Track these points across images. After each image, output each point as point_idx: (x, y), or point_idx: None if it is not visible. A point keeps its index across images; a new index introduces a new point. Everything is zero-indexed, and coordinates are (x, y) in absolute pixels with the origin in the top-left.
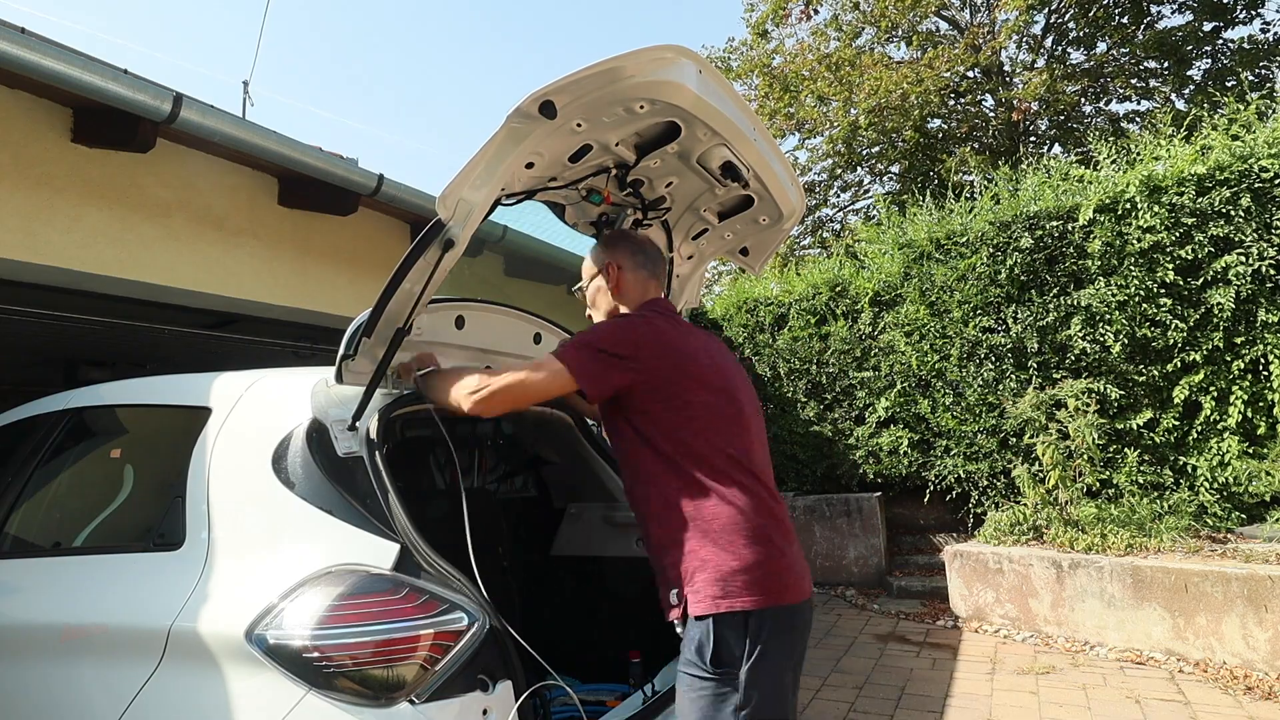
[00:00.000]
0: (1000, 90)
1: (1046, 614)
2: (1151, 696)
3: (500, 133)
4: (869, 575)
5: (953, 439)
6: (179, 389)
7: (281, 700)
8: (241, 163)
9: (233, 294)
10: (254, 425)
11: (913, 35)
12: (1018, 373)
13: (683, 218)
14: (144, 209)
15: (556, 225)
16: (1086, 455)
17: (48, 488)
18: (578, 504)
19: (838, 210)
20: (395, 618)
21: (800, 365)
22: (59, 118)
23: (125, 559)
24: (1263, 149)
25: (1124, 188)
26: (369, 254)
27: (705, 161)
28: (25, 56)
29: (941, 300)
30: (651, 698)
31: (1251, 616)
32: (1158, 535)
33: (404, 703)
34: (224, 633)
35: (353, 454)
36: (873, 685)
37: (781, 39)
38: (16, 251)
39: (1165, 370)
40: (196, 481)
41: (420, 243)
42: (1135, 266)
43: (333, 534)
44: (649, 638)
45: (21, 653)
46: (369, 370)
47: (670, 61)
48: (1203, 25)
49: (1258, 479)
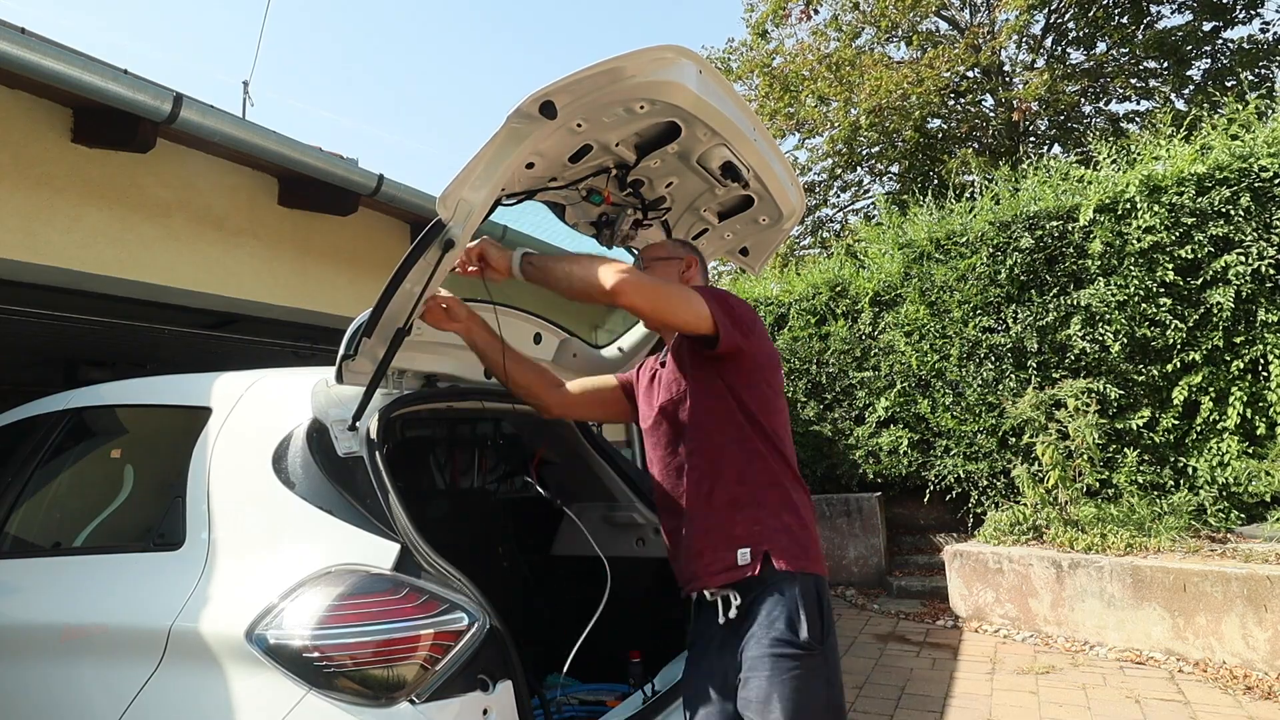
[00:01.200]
0: (1000, 90)
1: (1046, 614)
2: (1151, 696)
3: (500, 133)
4: (869, 575)
5: (953, 439)
6: (179, 389)
7: (282, 700)
8: (241, 163)
9: (233, 294)
10: (254, 425)
11: (913, 35)
12: (1017, 372)
13: (683, 218)
14: (144, 209)
15: (556, 225)
16: (1086, 455)
17: (48, 488)
18: (578, 504)
19: (837, 210)
20: (395, 618)
21: (800, 365)
22: (59, 118)
23: (125, 559)
24: (1262, 149)
25: (1124, 188)
26: (369, 254)
27: (705, 161)
28: (25, 56)
29: (941, 300)
30: (651, 698)
31: (1251, 616)
32: (1157, 535)
33: (404, 703)
34: (224, 633)
35: (353, 454)
36: (873, 685)
37: (781, 39)
38: (16, 251)
39: (1165, 370)
40: (197, 481)
41: (420, 243)
42: (1135, 266)
43: (333, 534)
44: (649, 638)
45: (22, 653)
46: (369, 370)
47: (670, 62)
48: (1202, 25)
49: (1257, 479)
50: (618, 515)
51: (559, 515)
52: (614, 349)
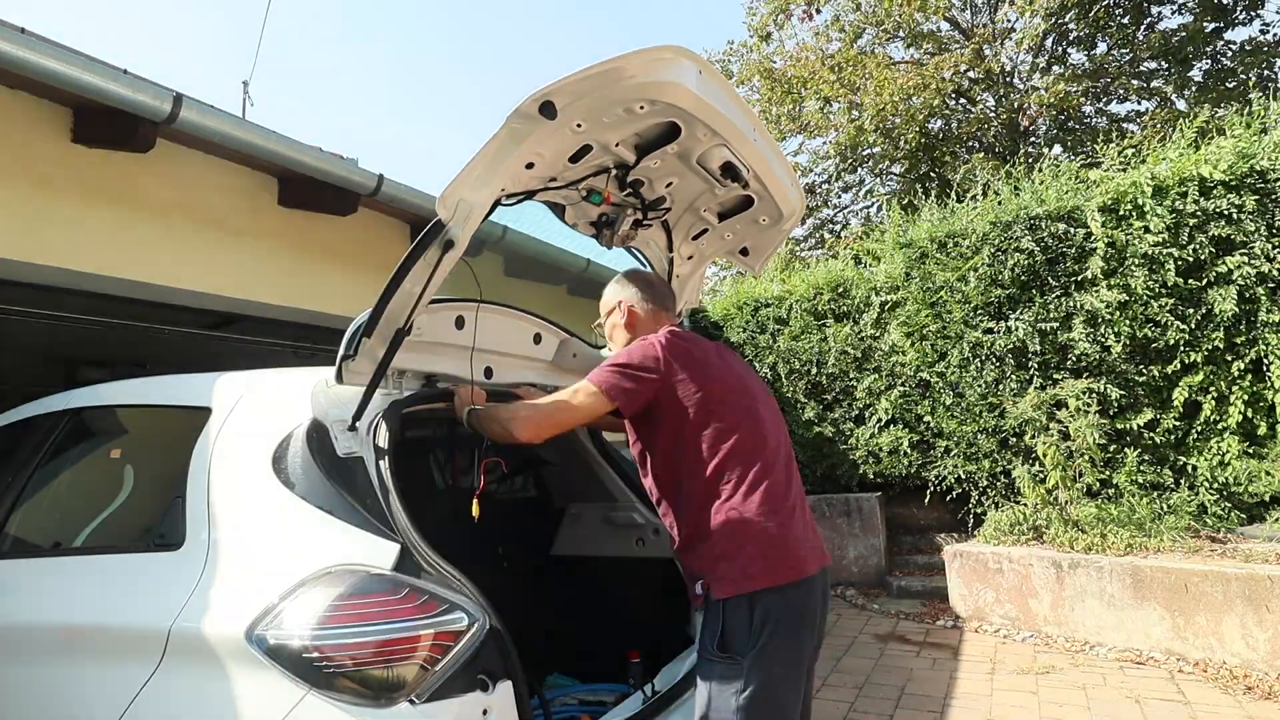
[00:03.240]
0: (1004, 92)
1: (1046, 614)
2: (1151, 696)
3: (500, 133)
4: (869, 575)
5: (953, 439)
6: (179, 389)
7: (281, 700)
8: (241, 163)
9: (233, 294)
10: (254, 425)
11: (916, 37)
12: (1018, 373)
13: (683, 218)
14: (144, 209)
15: (556, 225)
16: (1087, 455)
17: (48, 488)
18: (578, 504)
19: (838, 211)
20: (395, 618)
21: (800, 366)
22: (59, 118)
23: (125, 559)
24: (1266, 150)
25: (1126, 188)
26: (369, 254)
27: (705, 162)
28: (25, 56)
29: (943, 300)
30: (651, 698)
31: (1251, 616)
32: (1158, 535)
33: (404, 703)
34: (224, 633)
35: (353, 454)
36: (873, 685)
37: (782, 41)
38: (16, 251)
39: (1166, 370)
40: (196, 482)
41: (420, 243)
42: (1137, 267)
43: (332, 534)
44: (649, 638)
45: (22, 653)
46: (369, 370)
47: (670, 62)
48: (1203, 26)
49: (1258, 479)
50: (618, 515)
51: (559, 515)
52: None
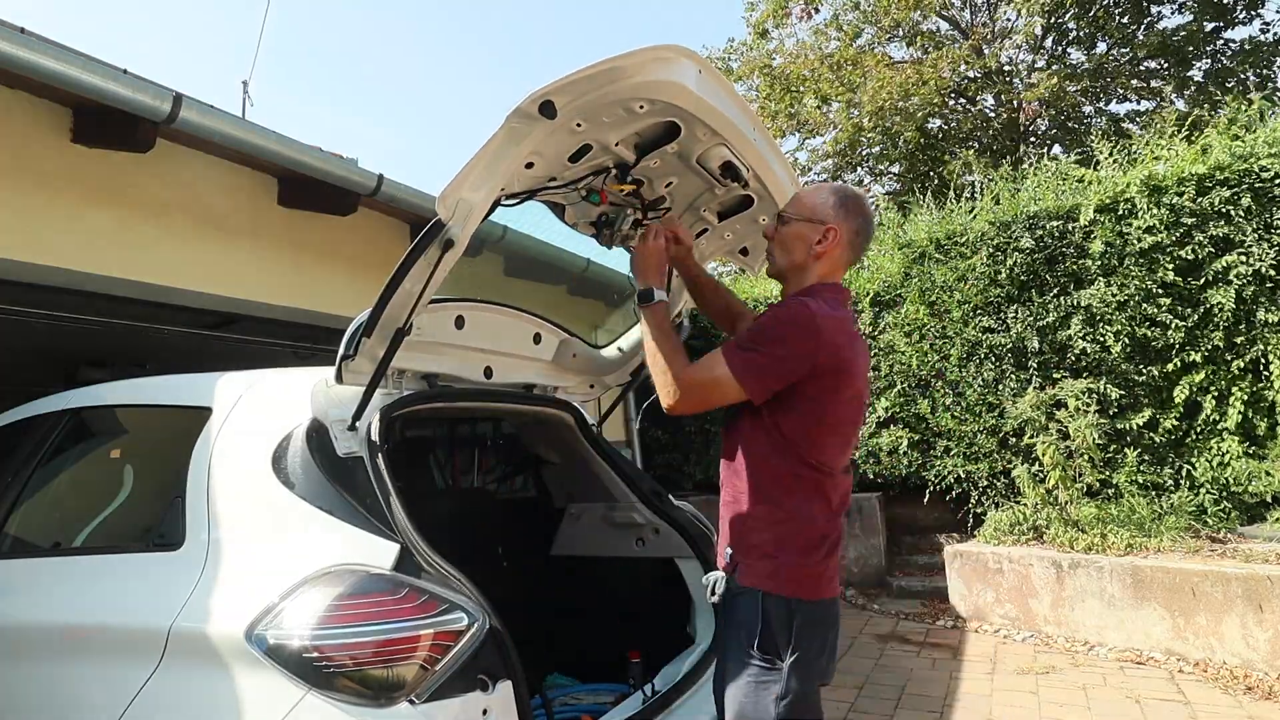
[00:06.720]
0: (1003, 91)
1: (1046, 614)
2: (1151, 696)
3: (500, 133)
4: (869, 575)
5: (953, 439)
6: (179, 389)
7: (281, 700)
8: (241, 163)
9: (233, 294)
10: (254, 425)
11: (914, 36)
12: (1018, 373)
13: (682, 218)
14: (144, 209)
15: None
16: (1086, 455)
17: (48, 488)
18: (578, 504)
19: None
20: (395, 618)
21: None
22: (59, 118)
23: (125, 559)
24: (1263, 149)
25: (1124, 188)
26: (369, 254)
27: (705, 161)
28: (25, 56)
29: (941, 300)
30: (651, 698)
31: (1251, 616)
32: (1158, 535)
33: (404, 703)
34: (224, 633)
35: (352, 454)
36: (873, 685)
37: (781, 39)
38: (16, 251)
39: (1165, 370)
40: (196, 482)
41: (420, 243)
42: (1135, 266)
43: (332, 534)
44: (649, 638)
45: (22, 653)
46: (369, 370)
47: (670, 61)
48: (1203, 25)
49: (1258, 479)
50: (618, 515)
51: (559, 515)
52: (614, 349)
